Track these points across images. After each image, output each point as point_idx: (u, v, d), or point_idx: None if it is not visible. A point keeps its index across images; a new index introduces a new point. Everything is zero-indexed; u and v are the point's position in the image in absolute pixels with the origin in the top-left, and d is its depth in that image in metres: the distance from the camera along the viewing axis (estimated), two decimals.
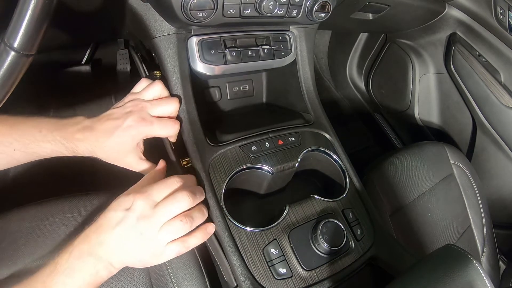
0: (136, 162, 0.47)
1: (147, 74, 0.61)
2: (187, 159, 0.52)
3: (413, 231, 0.73)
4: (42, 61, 0.99)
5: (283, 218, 0.50)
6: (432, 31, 0.98)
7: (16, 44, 0.30)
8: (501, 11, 0.78)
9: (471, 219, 0.82)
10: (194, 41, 0.52)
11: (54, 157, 0.45)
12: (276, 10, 0.50)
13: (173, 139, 0.52)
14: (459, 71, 0.94)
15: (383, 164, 0.78)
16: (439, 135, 1.12)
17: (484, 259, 0.82)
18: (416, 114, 1.17)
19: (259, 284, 0.45)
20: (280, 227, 0.49)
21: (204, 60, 0.52)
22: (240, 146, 0.53)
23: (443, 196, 0.79)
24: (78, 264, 0.37)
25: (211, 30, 0.53)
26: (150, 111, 0.46)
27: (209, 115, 0.64)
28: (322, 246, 0.47)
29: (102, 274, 0.39)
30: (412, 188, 0.77)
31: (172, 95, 0.52)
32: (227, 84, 0.68)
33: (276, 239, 0.48)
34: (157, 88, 0.49)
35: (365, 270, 0.53)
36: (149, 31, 0.50)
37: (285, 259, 0.47)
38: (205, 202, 0.47)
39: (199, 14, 0.44)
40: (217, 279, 0.51)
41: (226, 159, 0.51)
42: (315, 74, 0.66)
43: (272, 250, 0.47)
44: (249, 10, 0.49)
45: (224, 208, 0.48)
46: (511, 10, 0.76)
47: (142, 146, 0.49)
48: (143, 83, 0.50)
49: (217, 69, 0.54)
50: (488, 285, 0.37)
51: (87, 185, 0.63)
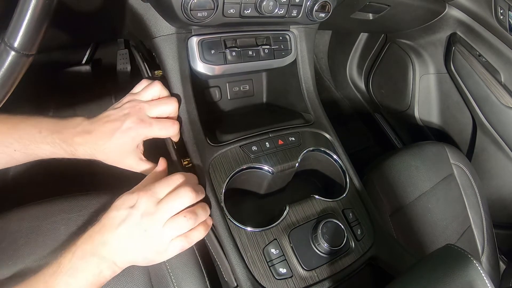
0: (136, 163, 0.47)
1: (149, 73, 0.61)
2: (188, 159, 0.52)
3: (413, 231, 0.73)
4: (42, 61, 0.99)
5: (283, 218, 0.50)
6: (432, 31, 0.98)
7: (16, 44, 0.30)
8: (501, 11, 0.78)
9: (471, 219, 0.82)
10: (194, 41, 0.52)
11: (54, 157, 0.45)
12: (276, 10, 0.50)
13: (175, 138, 0.52)
14: (459, 71, 0.94)
15: (383, 164, 0.78)
16: (439, 135, 1.12)
17: (484, 259, 0.82)
18: (416, 114, 1.17)
19: (259, 284, 0.45)
20: (280, 227, 0.49)
21: (204, 60, 0.52)
22: (240, 146, 0.53)
23: (443, 196, 0.79)
24: (81, 264, 0.37)
25: (211, 30, 0.53)
26: (148, 112, 0.46)
27: (209, 115, 0.64)
28: (322, 246, 0.47)
29: (106, 274, 0.39)
30: (412, 188, 0.77)
31: (171, 94, 0.51)
32: (227, 84, 0.68)
33: (276, 239, 0.48)
34: (156, 89, 0.48)
35: (365, 270, 0.53)
36: (149, 31, 0.50)
37: (285, 259, 0.47)
38: (206, 201, 0.47)
39: (199, 14, 0.44)
40: (217, 279, 0.51)
41: (226, 159, 0.51)
42: (315, 74, 0.66)
43: (272, 250, 0.47)
44: (249, 10, 0.49)
45: (224, 208, 0.48)
46: (511, 10, 0.76)
47: (142, 147, 0.49)
48: (143, 83, 0.50)
49: (217, 69, 0.54)
50: (488, 285, 0.37)
51: (87, 185, 0.63)
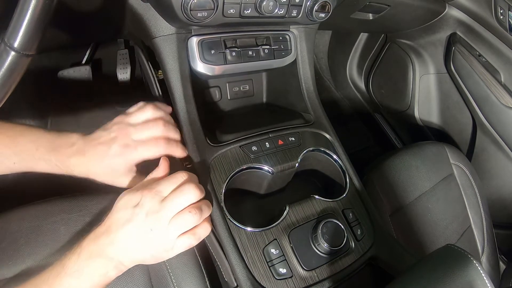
0: (131, 182, 0.47)
1: (153, 72, 0.61)
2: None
3: (413, 231, 0.73)
4: (42, 61, 0.99)
5: (283, 218, 0.50)
6: (432, 31, 0.98)
7: (16, 44, 0.30)
8: (501, 11, 0.78)
9: (471, 219, 0.82)
10: (194, 41, 0.52)
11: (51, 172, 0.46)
12: (276, 10, 0.50)
13: (179, 154, 0.49)
14: (459, 71, 0.94)
15: (383, 164, 0.78)
16: (439, 135, 1.12)
17: (484, 259, 0.82)
18: (416, 114, 1.17)
19: (259, 284, 0.45)
20: (280, 227, 0.49)
21: (204, 60, 0.52)
22: (240, 146, 0.53)
23: (443, 196, 0.79)
24: (87, 265, 0.37)
25: (211, 30, 0.53)
26: (133, 136, 0.46)
27: (209, 115, 0.64)
28: (322, 246, 0.47)
29: (111, 275, 0.39)
30: (412, 188, 0.77)
31: (172, 98, 0.51)
32: (227, 84, 0.68)
33: (276, 239, 0.48)
34: (148, 113, 0.48)
35: (365, 270, 0.53)
36: (149, 31, 0.50)
37: (285, 259, 0.47)
38: (208, 199, 0.47)
39: (199, 14, 0.44)
40: (217, 279, 0.51)
41: (226, 159, 0.51)
42: (315, 74, 0.66)
43: (272, 250, 0.47)
44: (249, 10, 0.49)
45: (224, 208, 0.48)
46: (511, 10, 0.76)
47: (134, 168, 0.47)
48: (138, 105, 0.50)
49: (217, 69, 0.54)
50: (488, 285, 0.37)
51: (87, 185, 0.63)
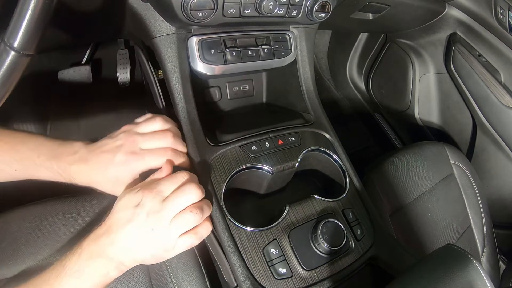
0: None
1: (153, 72, 0.61)
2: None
3: (413, 231, 0.73)
4: (42, 61, 0.99)
5: (283, 218, 0.50)
6: (432, 31, 0.98)
7: (16, 44, 0.30)
8: (501, 11, 0.78)
9: (471, 219, 0.82)
10: (194, 41, 0.52)
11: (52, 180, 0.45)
12: (276, 10, 0.50)
13: (185, 165, 0.49)
14: (459, 71, 0.94)
15: (383, 164, 0.77)
16: (439, 135, 1.12)
17: (484, 259, 0.82)
18: (416, 114, 1.17)
19: (259, 284, 0.45)
20: (280, 227, 0.49)
21: (204, 60, 0.52)
22: (240, 146, 0.53)
23: (443, 196, 0.79)
24: (88, 265, 0.37)
25: (211, 30, 0.53)
26: (141, 145, 0.45)
27: (209, 115, 0.64)
28: (322, 246, 0.47)
29: (112, 275, 0.39)
30: (412, 188, 0.76)
31: (176, 110, 0.50)
32: (227, 84, 0.68)
33: (276, 239, 0.48)
34: (157, 125, 0.48)
35: (365, 270, 0.53)
36: (149, 31, 0.50)
37: (285, 259, 0.47)
38: (208, 199, 0.47)
39: (199, 14, 0.44)
40: (217, 279, 0.51)
41: (226, 159, 0.51)
42: (315, 74, 0.66)
43: (272, 250, 0.47)
44: (249, 10, 0.49)
45: (224, 208, 0.48)
46: (511, 10, 0.76)
47: (138, 178, 0.46)
48: (145, 116, 0.49)
49: (217, 69, 0.54)
50: (488, 285, 0.37)
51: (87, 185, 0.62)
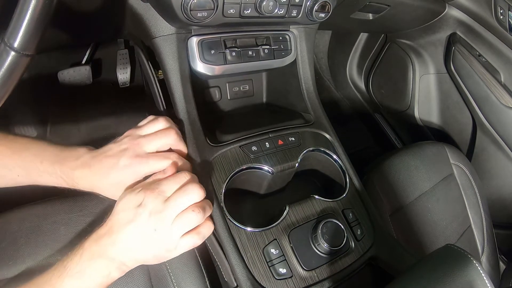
0: None
1: (153, 72, 0.61)
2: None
3: (413, 231, 0.73)
4: (42, 61, 0.99)
5: (283, 218, 0.50)
6: (432, 31, 0.98)
7: (16, 44, 0.30)
8: (501, 11, 0.78)
9: (471, 219, 0.82)
10: (194, 41, 0.52)
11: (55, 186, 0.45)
12: (276, 10, 0.50)
13: (186, 168, 0.48)
14: (459, 71, 0.94)
15: (383, 164, 0.78)
16: (439, 135, 1.12)
17: (484, 259, 0.82)
18: (416, 114, 1.17)
19: (259, 284, 0.45)
20: (280, 227, 0.49)
21: (204, 60, 0.52)
22: (240, 146, 0.53)
23: (443, 196, 0.79)
24: (89, 266, 0.37)
25: (211, 30, 0.53)
26: (145, 147, 0.44)
27: (209, 115, 0.64)
28: (322, 246, 0.47)
29: (114, 275, 0.38)
30: (412, 188, 0.76)
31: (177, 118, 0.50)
32: (227, 84, 0.68)
33: (276, 239, 0.48)
34: (160, 125, 0.47)
35: (365, 270, 0.53)
36: (149, 31, 0.50)
37: (285, 259, 0.47)
38: (208, 199, 0.46)
39: (199, 14, 0.44)
40: (217, 279, 0.51)
41: (226, 159, 0.51)
42: (315, 74, 0.66)
43: (272, 250, 0.47)
44: (249, 10, 0.49)
45: (224, 208, 0.48)
46: (511, 10, 0.76)
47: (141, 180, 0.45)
48: (148, 119, 0.49)
49: (217, 69, 0.54)
50: (488, 285, 0.37)
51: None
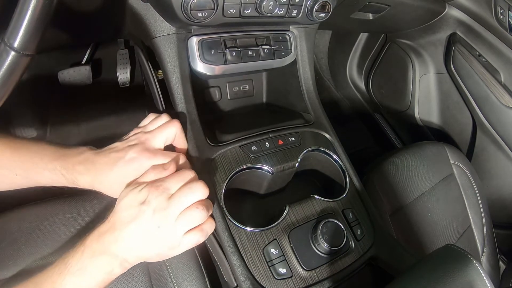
0: None
1: (153, 72, 0.61)
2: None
3: (413, 231, 0.73)
4: (42, 61, 0.99)
5: (283, 218, 0.50)
6: (432, 31, 0.98)
7: (16, 44, 0.30)
8: (501, 11, 0.78)
9: (471, 219, 0.82)
10: (194, 41, 0.52)
11: (55, 185, 0.45)
12: (276, 10, 0.50)
13: (187, 166, 0.48)
14: (459, 71, 0.94)
15: (383, 164, 0.78)
16: (439, 135, 1.12)
17: (484, 259, 0.82)
18: (416, 114, 1.17)
19: (259, 284, 0.45)
20: (280, 227, 0.49)
21: (204, 60, 0.52)
22: (240, 146, 0.53)
23: (443, 196, 0.79)
24: (91, 263, 0.36)
25: (211, 30, 0.53)
26: (153, 142, 0.45)
27: (209, 115, 0.64)
28: (322, 246, 0.47)
29: (116, 272, 0.38)
30: (412, 188, 0.77)
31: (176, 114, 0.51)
32: (227, 84, 0.68)
33: (276, 239, 0.48)
34: (163, 120, 0.48)
35: (365, 270, 0.53)
36: (149, 31, 0.51)
37: (285, 259, 0.47)
38: (208, 199, 0.46)
39: (199, 14, 0.44)
40: (217, 279, 0.51)
41: (226, 159, 0.51)
42: (315, 74, 0.66)
43: (272, 250, 0.47)
44: (249, 10, 0.49)
45: (224, 208, 0.48)
46: (511, 10, 0.76)
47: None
48: (149, 117, 0.49)
49: (217, 69, 0.54)
50: (488, 285, 0.37)
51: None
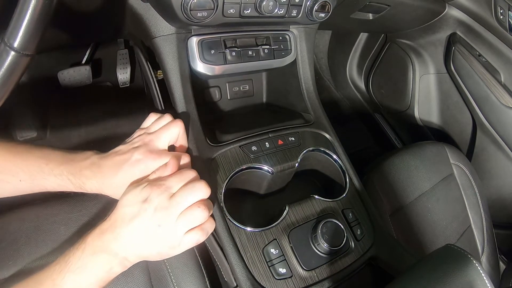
0: None
1: (152, 72, 0.61)
2: None
3: (413, 231, 0.73)
4: (42, 61, 0.99)
5: (283, 218, 0.50)
6: (432, 31, 0.98)
7: (16, 44, 0.30)
8: (501, 11, 0.78)
9: (471, 219, 0.82)
10: (194, 41, 0.52)
11: (61, 190, 0.45)
12: (276, 10, 0.50)
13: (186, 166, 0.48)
14: (459, 71, 0.94)
15: (383, 164, 0.78)
16: (439, 135, 1.12)
17: (484, 259, 0.82)
18: (416, 114, 1.17)
19: (259, 284, 0.45)
20: (280, 227, 0.49)
21: (204, 60, 0.52)
22: (240, 146, 0.53)
23: (443, 196, 0.79)
24: (91, 261, 0.37)
25: (211, 30, 0.53)
26: (157, 143, 0.45)
27: (209, 115, 0.64)
28: (322, 246, 0.47)
29: (116, 270, 0.38)
30: (412, 188, 0.77)
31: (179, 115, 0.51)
32: (227, 84, 0.68)
33: (276, 239, 0.48)
34: (166, 120, 0.48)
35: (365, 270, 0.53)
36: (149, 31, 0.51)
37: (285, 259, 0.47)
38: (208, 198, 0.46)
39: (199, 14, 0.44)
40: (217, 279, 0.51)
41: (226, 159, 0.51)
42: (315, 74, 0.66)
43: (272, 250, 0.47)
44: (249, 10, 0.49)
45: (224, 208, 0.48)
46: (511, 10, 0.76)
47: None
48: (151, 118, 0.49)
49: (217, 69, 0.54)
50: (488, 285, 0.37)
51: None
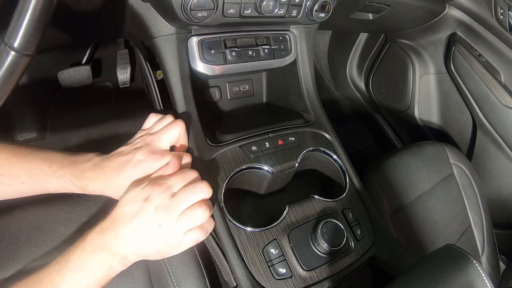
0: None
1: (151, 72, 0.61)
2: None
3: (413, 231, 0.73)
4: (42, 61, 0.99)
5: (283, 218, 0.50)
6: (432, 31, 0.98)
7: (16, 44, 0.30)
8: (501, 11, 0.78)
9: (471, 219, 0.82)
10: (194, 41, 0.52)
11: (63, 192, 0.45)
12: (276, 10, 0.50)
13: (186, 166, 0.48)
14: (459, 71, 0.94)
15: (383, 164, 0.78)
16: (439, 135, 1.12)
17: (484, 259, 0.82)
18: (416, 114, 1.17)
19: (259, 284, 0.45)
20: (280, 227, 0.49)
21: (204, 60, 0.52)
22: (240, 146, 0.53)
23: (443, 196, 0.79)
24: (91, 259, 0.36)
25: (211, 30, 0.53)
26: (158, 143, 0.45)
27: (209, 115, 0.64)
28: (322, 246, 0.47)
29: (116, 269, 0.38)
30: (412, 188, 0.77)
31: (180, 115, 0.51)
32: (227, 84, 0.68)
33: (276, 239, 0.48)
34: (167, 120, 0.48)
35: (365, 270, 0.53)
36: (149, 31, 0.51)
37: (285, 259, 0.47)
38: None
39: (199, 14, 0.44)
40: (217, 279, 0.51)
41: (226, 159, 0.51)
42: (315, 74, 0.66)
43: (272, 250, 0.47)
44: (249, 10, 0.49)
45: (224, 208, 0.48)
46: (511, 10, 0.76)
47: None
48: (152, 118, 0.50)
49: (217, 69, 0.54)
50: (488, 285, 0.37)
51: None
